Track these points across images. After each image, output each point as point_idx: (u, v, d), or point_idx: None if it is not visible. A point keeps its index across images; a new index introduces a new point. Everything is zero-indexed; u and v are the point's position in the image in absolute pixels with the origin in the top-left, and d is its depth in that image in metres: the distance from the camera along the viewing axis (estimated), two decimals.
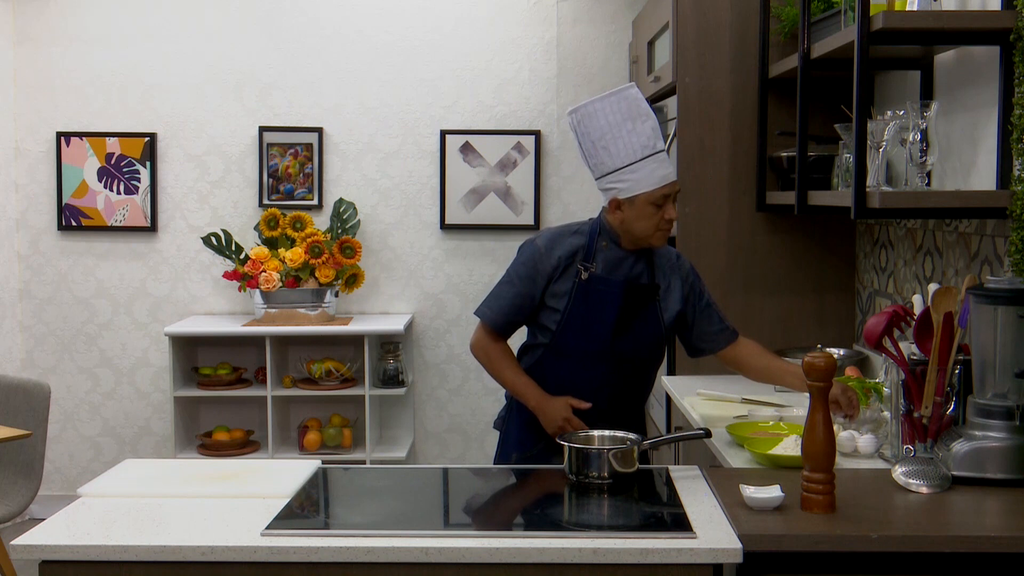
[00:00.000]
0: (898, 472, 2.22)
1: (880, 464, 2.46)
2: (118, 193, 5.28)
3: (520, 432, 2.91)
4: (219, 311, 5.33)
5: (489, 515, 2.31)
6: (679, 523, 2.05)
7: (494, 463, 2.96)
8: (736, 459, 2.56)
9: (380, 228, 5.28)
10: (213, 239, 5.07)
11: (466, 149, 5.22)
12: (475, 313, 2.92)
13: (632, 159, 2.71)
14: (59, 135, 5.26)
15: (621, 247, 2.80)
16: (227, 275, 5.07)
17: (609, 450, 2.32)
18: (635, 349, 2.82)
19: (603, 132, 2.72)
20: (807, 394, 2.08)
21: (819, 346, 3.48)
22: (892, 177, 2.85)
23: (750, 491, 2.08)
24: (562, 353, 2.83)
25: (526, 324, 2.90)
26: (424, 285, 5.29)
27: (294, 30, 5.23)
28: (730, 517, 2.04)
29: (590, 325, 2.78)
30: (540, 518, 2.25)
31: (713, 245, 3.77)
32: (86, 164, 5.27)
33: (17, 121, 5.30)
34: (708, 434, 2.51)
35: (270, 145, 5.25)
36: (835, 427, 2.31)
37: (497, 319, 2.87)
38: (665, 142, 2.81)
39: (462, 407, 5.36)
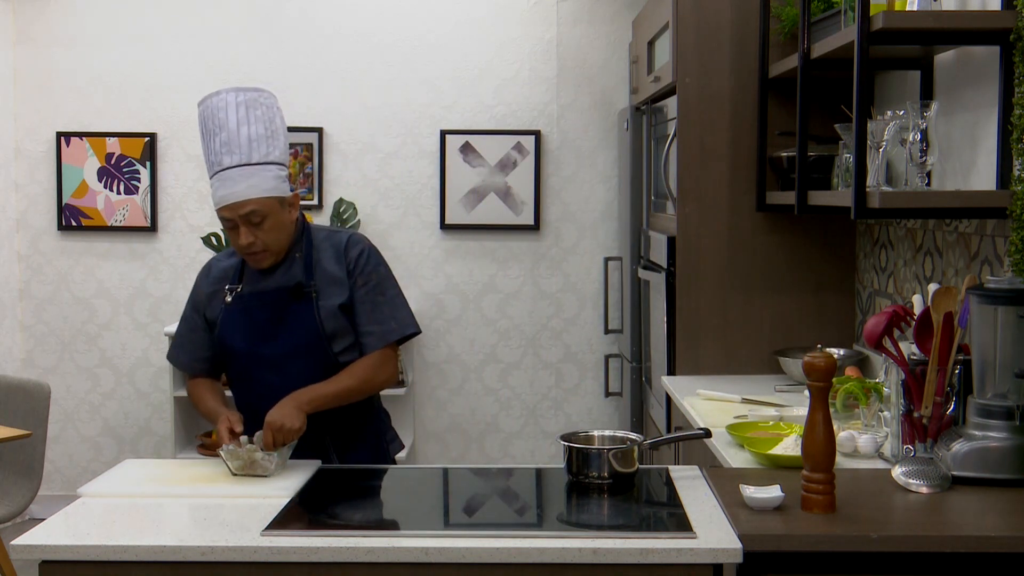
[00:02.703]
0: (898, 472, 2.22)
1: (880, 464, 2.46)
2: (118, 193, 5.28)
3: None
4: None
5: (489, 515, 2.31)
6: (679, 523, 2.05)
7: None
8: (736, 459, 2.56)
9: (380, 228, 5.28)
10: (213, 239, 5.06)
11: (466, 149, 5.22)
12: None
13: (208, 175, 2.61)
14: (59, 135, 5.26)
15: None
16: None
17: (609, 450, 2.32)
18: (286, 353, 2.64)
19: (201, 142, 2.64)
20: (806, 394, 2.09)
21: (819, 346, 3.48)
22: (892, 177, 2.85)
23: (750, 491, 2.08)
24: (233, 379, 2.75)
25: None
26: (424, 285, 5.29)
27: (294, 30, 5.24)
28: (730, 517, 2.04)
29: (235, 344, 2.67)
30: (540, 518, 2.25)
31: (713, 245, 3.77)
32: (86, 164, 5.27)
33: (17, 121, 5.30)
34: (708, 434, 2.51)
35: None
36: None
37: (178, 358, 2.81)
38: (266, 148, 2.58)
39: (462, 407, 5.36)
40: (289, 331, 2.65)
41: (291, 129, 5.19)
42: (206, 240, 5.06)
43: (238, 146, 2.55)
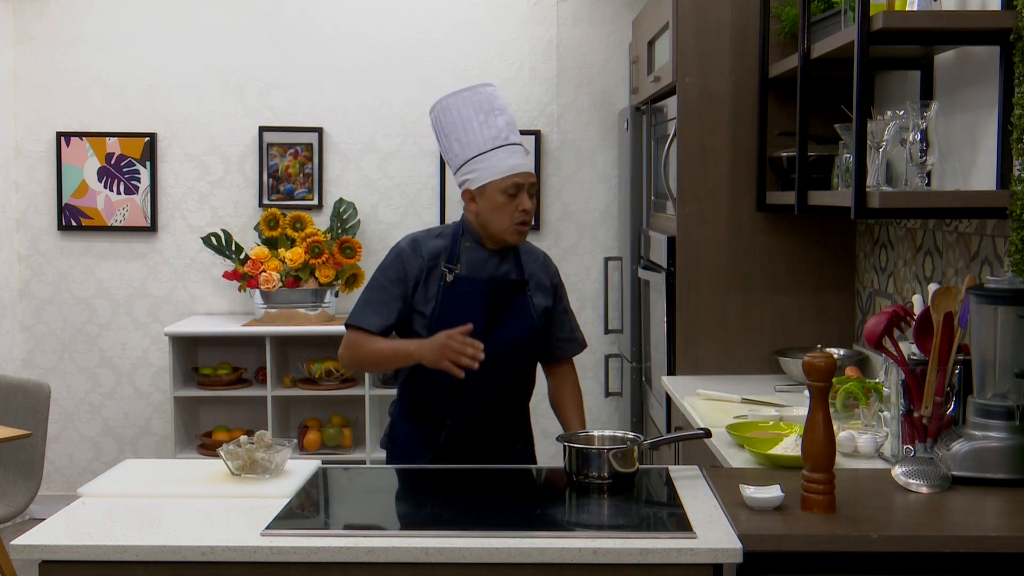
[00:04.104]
0: (898, 472, 2.22)
1: (880, 464, 2.46)
2: (118, 193, 5.28)
3: (407, 447, 2.84)
4: (219, 311, 5.33)
5: (489, 515, 2.30)
6: (679, 523, 2.05)
7: None
8: (736, 459, 2.56)
9: (380, 228, 5.28)
10: (213, 239, 5.07)
11: None
12: (347, 324, 2.79)
13: (482, 149, 2.75)
14: (59, 135, 5.26)
15: (485, 247, 2.80)
16: (227, 275, 5.07)
17: (609, 450, 2.32)
18: (510, 344, 2.78)
19: (455, 125, 2.77)
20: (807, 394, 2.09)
21: (819, 346, 3.48)
22: (892, 177, 2.85)
23: (750, 491, 2.08)
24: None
25: (396, 331, 2.81)
26: None
27: (294, 30, 5.24)
28: (730, 517, 2.04)
29: (459, 325, 2.69)
30: (540, 518, 2.24)
31: (713, 245, 3.77)
32: (86, 164, 5.27)
33: (17, 121, 5.30)
34: (708, 434, 2.51)
35: (270, 145, 5.25)
36: (834, 426, 2.31)
37: (375, 322, 2.75)
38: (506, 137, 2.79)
39: None
40: (511, 322, 2.79)
41: (291, 129, 5.25)
42: (206, 240, 5.06)
43: (513, 128, 2.80)
